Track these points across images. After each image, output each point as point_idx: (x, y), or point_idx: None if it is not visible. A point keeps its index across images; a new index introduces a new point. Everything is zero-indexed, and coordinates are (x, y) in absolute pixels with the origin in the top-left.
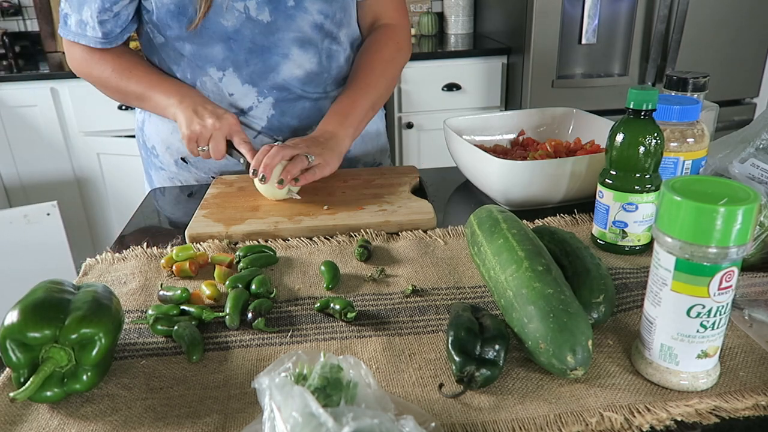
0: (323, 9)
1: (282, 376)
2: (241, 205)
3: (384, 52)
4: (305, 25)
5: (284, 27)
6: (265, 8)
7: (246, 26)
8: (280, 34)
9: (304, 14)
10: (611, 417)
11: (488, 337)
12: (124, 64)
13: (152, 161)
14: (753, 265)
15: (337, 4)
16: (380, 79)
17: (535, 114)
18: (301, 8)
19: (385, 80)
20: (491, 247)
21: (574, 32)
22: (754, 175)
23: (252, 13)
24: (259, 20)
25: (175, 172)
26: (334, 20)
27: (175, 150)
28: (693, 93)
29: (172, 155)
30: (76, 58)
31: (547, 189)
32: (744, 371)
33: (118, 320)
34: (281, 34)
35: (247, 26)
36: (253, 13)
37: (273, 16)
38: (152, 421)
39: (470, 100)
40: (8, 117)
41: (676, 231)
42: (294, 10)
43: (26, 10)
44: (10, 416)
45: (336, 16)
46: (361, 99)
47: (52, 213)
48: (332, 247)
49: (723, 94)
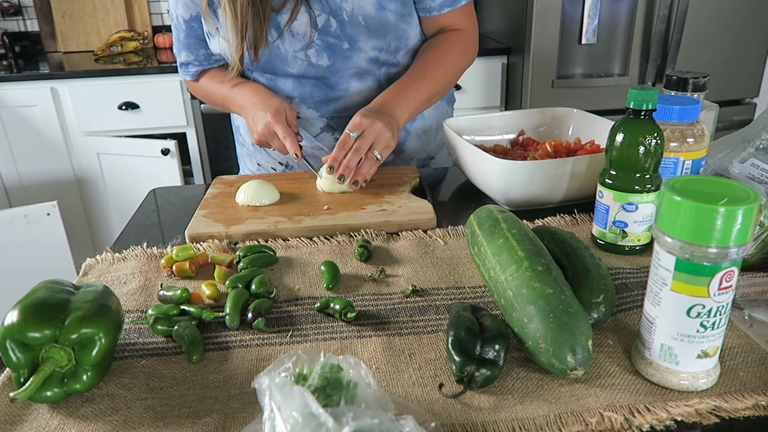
0: (377, 45)
1: (282, 376)
2: (242, 205)
3: (452, 51)
4: (361, 61)
5: (342, 67)
6: (324, 54)
7: (309, 70)
8: (340, 73)
9: (359, 53)
10: (611, 417)
11: (488, 337)
12: (215, 75)
13: (237, 138)
14: (753, 265)
15: (391, 36)
16: (444, 75)
17: (535, 114)
18: (355, 49)
19: (447, 78)
20: (491, 247)
21: (574, 32)
22: (754, 175)
23: (313, 60)
24: (320, 65)
25: (252, 151)
26: (389, 50)
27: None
28: (693, 93)
29: (249, 137)
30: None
31: (547, 189)
32: (744, 371)
33: (118, 320)
34: (340, 73)
35: (310, 70)
36: (313, 59)
37: (331, 60)
38: (152, 421)
39: (470, 100)
40: (8, 117)
41: (676, 231)
42: (349, 51)
43: (26, 10)
44: (10, 416)
45: (391, 46)
46: (422, 87)
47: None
48: (332, 247)
49: (723, 94)
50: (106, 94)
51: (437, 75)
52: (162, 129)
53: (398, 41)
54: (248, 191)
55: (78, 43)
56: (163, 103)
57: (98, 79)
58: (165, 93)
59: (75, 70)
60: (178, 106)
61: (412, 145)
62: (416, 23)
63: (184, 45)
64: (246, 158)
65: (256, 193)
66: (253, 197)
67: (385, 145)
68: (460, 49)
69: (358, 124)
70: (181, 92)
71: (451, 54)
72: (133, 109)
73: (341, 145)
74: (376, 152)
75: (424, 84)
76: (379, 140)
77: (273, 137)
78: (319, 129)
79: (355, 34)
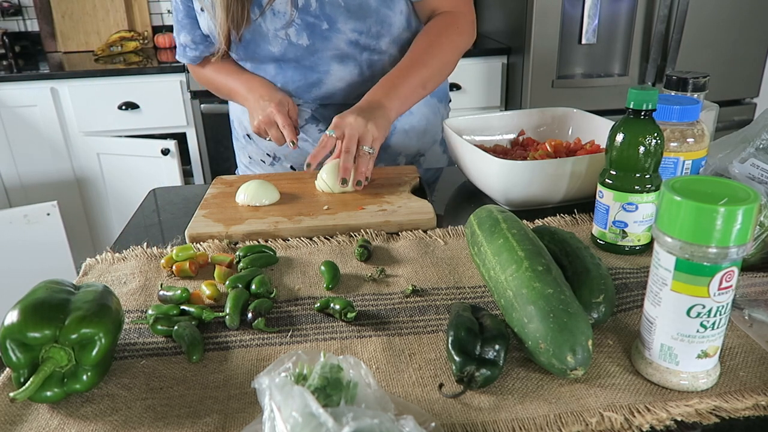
0: (357, 27)
1: (282, 376)
2: (242, 205)
3: (442, 35)
4: (341, 43)
5: (321, 47)
6: (303, 33)
7: (289, 50)
8: (319, 54)
9: (338, 34)
10: (611, 417)
11: (488, 337)
12: (221, 66)
13: (234, 131)
14: (753, 265)
15: (372, 20)
16: (434, 59)
17: (535, 114)
18: (334, 30)
19: (440, 61)
20: (491, 247)
21: (574, 32)
22: (754, 175)
23: (293, 39)
24: (299, 44)
25: (243, 144)
26: (370, 34)
27: (243, 127)
28: (693, 93)
29: (242, 130)
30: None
31: (547, 189)
32: (744, 371)
33: (118, 320)
34: (320, 54)
35: (290, 50)
36: (294, 38)
37: (311, 39)
38: (152, 421)
39: (470, 100)
40: (8, 117)
41: (676, 231)
42: (329, 32)
43: (26, 10)
44: (10, 416)
45: (371, 30)
46: (411, 74)
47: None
48: (332, 247)
49: (723, 94)
50: (106, 94)
51: (426, 59)
52: (162, 129)
53: (380, 26)
54: (248, 191)
55: (78, 43)
56: (163, 103)
57: (98, 79)
58: (165, 93)
59: (75, 70)
60: (178, 106)
61: (399, 141)
62: (401, 10)
63: (182, 25)
64: (239, 151)
65: (256, 193)
66: (253, 197)
67: (372, 138)
68: (452, 32)
69: (334, 124)
70: (181, 92)
71: (441, 38)
72: (133, 109)
73: (321, 144)
74: (365, 147)
75: (413, 70)
76: (364, 135)
77: (272, 126)
78: (305, 120)
79: (334, 14)
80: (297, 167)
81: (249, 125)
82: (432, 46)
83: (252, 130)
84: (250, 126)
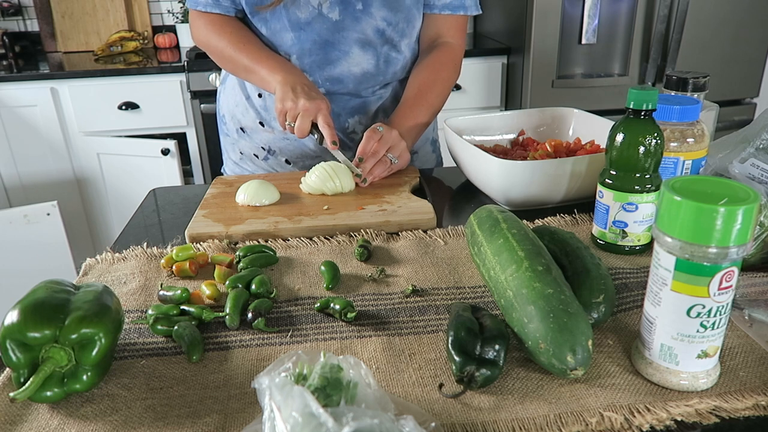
0: (387, 17)
1: (282, 376)
2: (242, 205)
3: (443, 72)
4: (368, 28)
5: (350, 27)
6: (336, 8)
7: (317, 21)
8: (345, 32)
9: (369, 18)
10: (611, 417)
11: (488, 337)
12: (239, 37)
13: (222, 128)
14: (753, 265)
15: (402, 15)
16: (437, 98)
17: (535, 114)
18: (367, 12)
19: (441, 100)
20: (491, 247)
21: (574, 32)
22: (754, 175)
23: (324, 10)
24: (329, 17)
25: (236, 139)
26: (396, 29)
27: (237, 120)
28: (693, 93)
29: (235, 124)
30: (200, 28)
31: (547, 189)
32: (744, 371)
33: (118, 320)
34: (346, 33)
35: (318, 21)
36: (325, 10)
37: (342, 15)
38: (152, 421)
39: (470, 100)
40: (8, 117)
41: (676, 231)
42: (361, 13)
43: (26, 10)
44: (10, 416)
45: (399, 25)
46: (421, 114)
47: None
48: (332, 247)
49: (723, 94)
50: (106, 94)
51: (431, 99)
52: (162, 129)
53: (406, 24)
54: (248, 191)
55: (78, 43)
56: (163, 103)
57: (98, 79)
58: (165, 93)
59: (75, 70)
60: (178, 106)
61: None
62: (420, 20)
63: None
64: (229, 147)
65: (256, 193)
66: (253, 197)
67: (401, 152)
68: (450, 69)
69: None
70: (181, 92)
71: (442, 74)
72: (133, 109)
73: (369, 134)
74: (391, 156)
75: (422, 110)
76: (396, 146)
77: (308, 116)
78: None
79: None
80: (292, 161)
81: (243, 119)
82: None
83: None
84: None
